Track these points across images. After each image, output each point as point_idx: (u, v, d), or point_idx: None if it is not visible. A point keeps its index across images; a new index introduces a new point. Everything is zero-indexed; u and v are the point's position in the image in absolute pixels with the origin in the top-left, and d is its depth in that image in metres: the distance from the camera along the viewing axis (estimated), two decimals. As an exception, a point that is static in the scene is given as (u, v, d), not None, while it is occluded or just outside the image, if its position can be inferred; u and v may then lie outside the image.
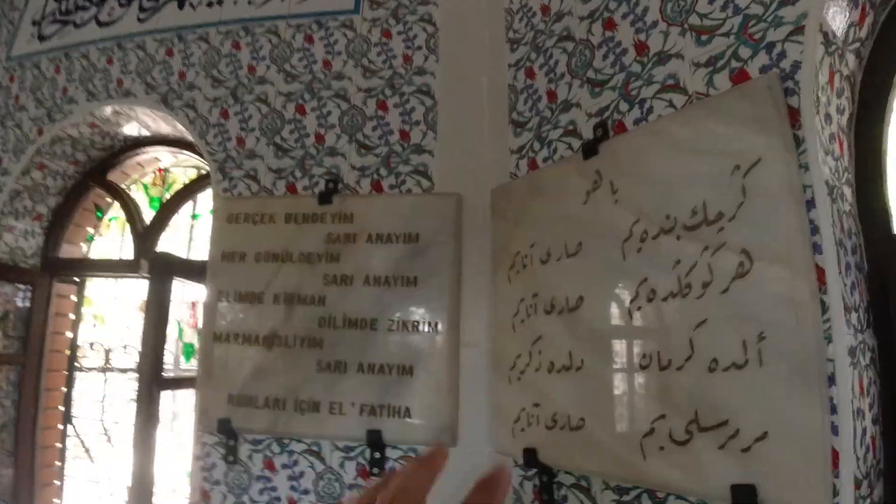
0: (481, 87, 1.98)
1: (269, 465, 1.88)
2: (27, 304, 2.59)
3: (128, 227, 2.64)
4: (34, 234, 2.69)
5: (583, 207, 1.53)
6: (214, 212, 2.10)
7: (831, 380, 1.08)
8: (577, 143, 1.63)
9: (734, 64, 1.30)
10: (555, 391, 1.53)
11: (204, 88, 2.27)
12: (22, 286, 2.58)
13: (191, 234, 2.72)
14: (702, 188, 1.26)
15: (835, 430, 1.07)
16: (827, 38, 1.24)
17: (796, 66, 1.20)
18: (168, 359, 2.00)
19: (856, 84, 1.38)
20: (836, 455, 1.06)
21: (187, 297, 2.83)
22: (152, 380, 1.80)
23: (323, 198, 1.97)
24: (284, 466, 1.87)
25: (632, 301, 1.37)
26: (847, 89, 1.36)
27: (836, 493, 1.05)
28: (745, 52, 1.28)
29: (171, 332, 2.37)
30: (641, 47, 1.50)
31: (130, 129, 2.62)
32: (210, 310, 1.99)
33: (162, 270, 1.91)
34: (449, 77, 2.02)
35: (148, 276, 2.06)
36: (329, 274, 1.91)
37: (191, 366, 2.72)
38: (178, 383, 2.01)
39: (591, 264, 1.48)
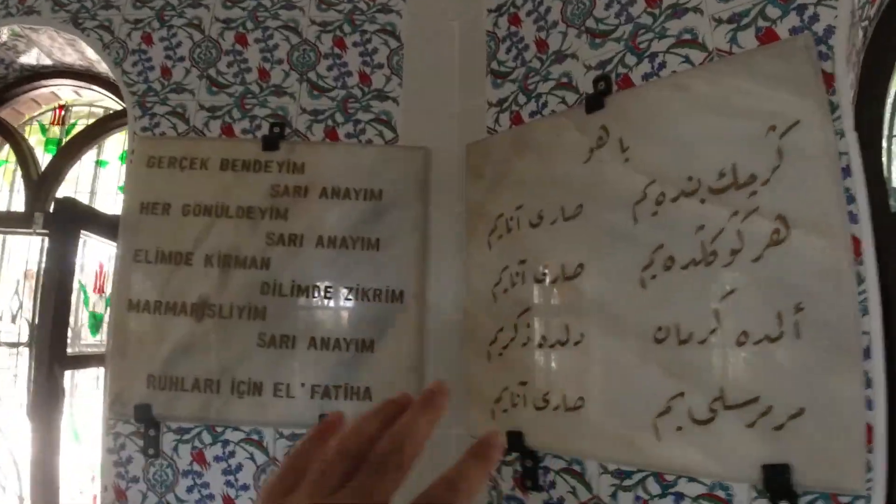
0: (453, 31, 1.81)
1: (200, 458, 1.62)
2: None
3: (18, 175, 2.19)
4: None
5: (584, 166, 1.42)
6: (131, 154, 1.76)
7: (866, 353, 1.05)
8: (572, 97, 1.51)
9: (761, 23, 1.24)
10: (547, 368, 1.42)
11: (123, 8, 1.89)
12: None
13: (94, 186, 2.29)
14: (731, 149, 1.19)
15: (868, 405, 1.04)
16: (853, 7, 1.21)
17: (830, 30, 1.16)
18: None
19: (859, 62, 1.37)
20: (869, 431, 1.03)
21: (92, 257, 2.39)
22: (53, 358, 1.47)
23: (268, 143, 1.71)
24: (218, 459, 1.62)
25: (645, 269, 1.28)
26: (856, 65, 1.34)
27: (868, 469, 1.03)
28: (773, 11, 1.22)
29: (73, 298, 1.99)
30: (653, -2, 1.41)
31: (29, 58, 2.16)
32: (124, 272, 1.67)
33: (67, 220, 1.55)
34: (417, 18, 1.82)
35: (45, 230, 1.70)
36: (274, 232, 1.67)
37: (97, 340, 2.32)
38: (83, 361, 1.67)
39: (593, 228, 1.38)
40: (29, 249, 2.30)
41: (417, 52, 1.80)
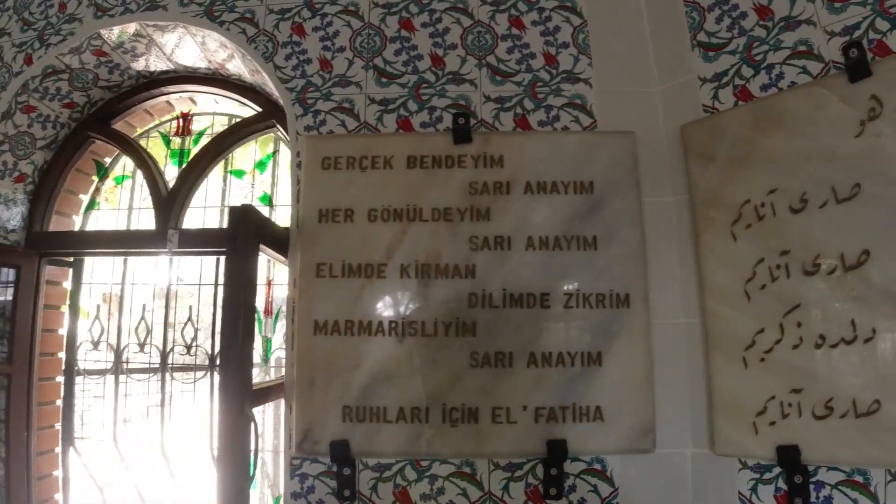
0: (640, 4, 1.72)
1: (404, 498, 1.51)
2: (9, 292, 1.97)
3: (139, 191, 2.09)
4: (16, 200, 2.04)
5: (855, 141, 1.34)
6: (296, 157, 1.66)
7: None
8: (814, 66, 1.44)
9: None
10: (829, 371, 1.32)
11: (266, -2, 1.80)
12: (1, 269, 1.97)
13: (224, 198, 2.15)
14: None
15: None
16: None
17: None
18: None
19: None
20: None
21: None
22: (243, 394, 1.33)
23: (459, 135, 1.62)
24: (425, 497, 1.51)
25: (954, 249, 1.19)
26: None
27: None
28: None
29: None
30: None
31: (141, 63, 2.05)
32: (305, 290, 1.56)
33: (247, 233, 1.42)
34: (598, -8, 1.74)
35: (182, 249, 1.56)
36: (477, 235, 1.57)
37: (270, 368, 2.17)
38: (262, 394, 1.52)
39: (878, 209, 1.31)
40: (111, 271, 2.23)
41: (604, 29, 1.72)
